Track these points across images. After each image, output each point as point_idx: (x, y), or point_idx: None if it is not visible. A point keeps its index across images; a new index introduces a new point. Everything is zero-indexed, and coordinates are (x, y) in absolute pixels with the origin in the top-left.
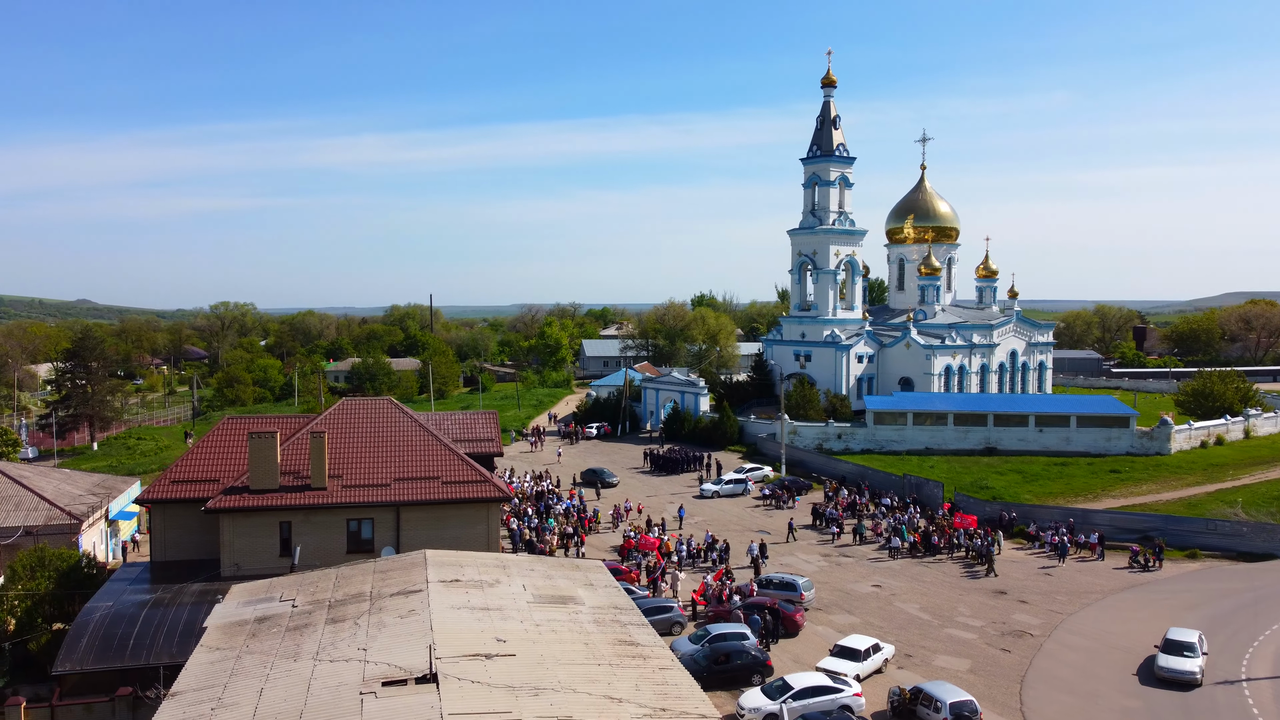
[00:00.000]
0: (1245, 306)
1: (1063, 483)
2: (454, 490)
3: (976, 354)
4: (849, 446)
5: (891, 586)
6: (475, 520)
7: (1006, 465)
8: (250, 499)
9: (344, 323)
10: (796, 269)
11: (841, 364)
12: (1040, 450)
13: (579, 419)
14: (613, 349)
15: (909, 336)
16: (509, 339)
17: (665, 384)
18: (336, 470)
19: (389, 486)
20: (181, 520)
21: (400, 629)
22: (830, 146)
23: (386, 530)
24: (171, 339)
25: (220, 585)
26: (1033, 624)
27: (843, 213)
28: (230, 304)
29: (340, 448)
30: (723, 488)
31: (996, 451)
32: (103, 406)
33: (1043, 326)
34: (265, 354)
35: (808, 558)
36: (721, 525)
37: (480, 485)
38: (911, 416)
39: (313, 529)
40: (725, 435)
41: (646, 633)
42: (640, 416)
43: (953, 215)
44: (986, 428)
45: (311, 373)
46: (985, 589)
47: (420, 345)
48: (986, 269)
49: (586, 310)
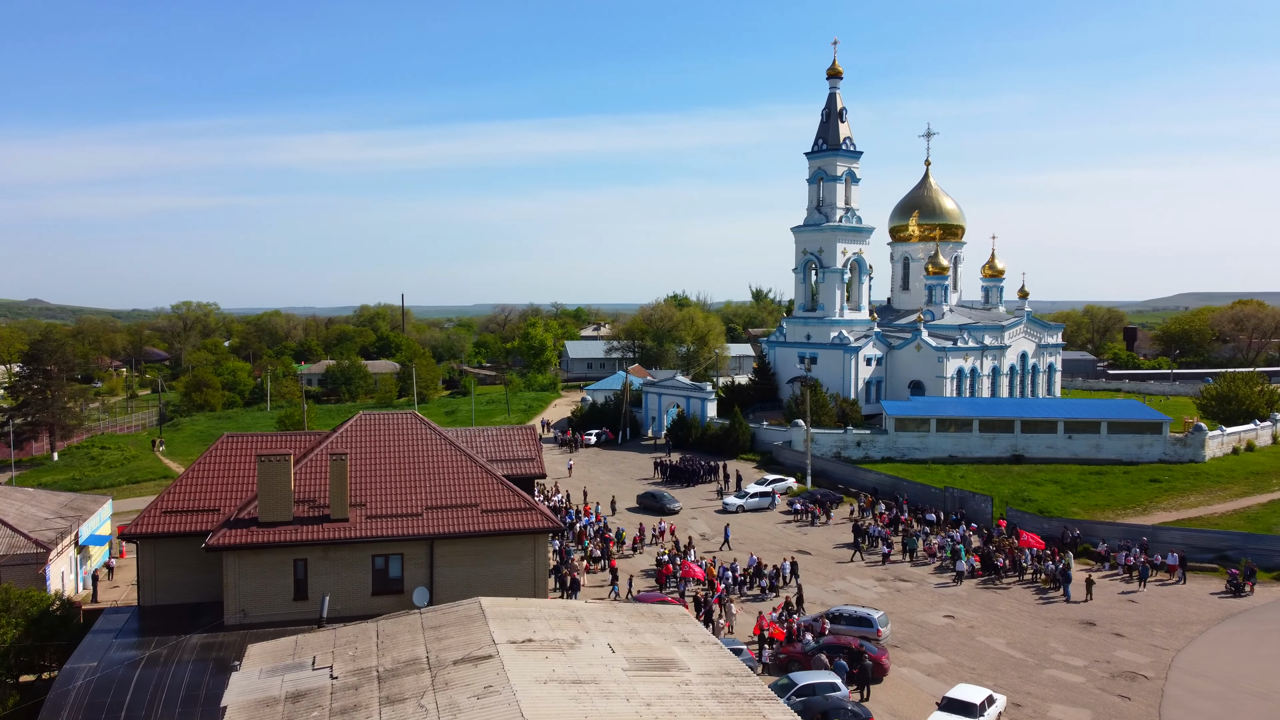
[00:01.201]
0: (1234, 307)
1: (1104, 494)
2: (495, 520)
3: (988, 356)
4: (869, 454)
5: (966, 617)
6: (519, 554)
7: (1040, 474)
8: (259, 533)
9: (311, 323)
10: (801, 267)
11: (850, 367)
12: (1069, 458)
13: (576, 425)
14: (597, 350)
15: (920, 338)
16: (485, 340)
17: (668, 388)
18: (359, 498)
19: (420, 517)
20: (175, 557)
21: (481, 716)
22: (837, 140)
23: (418, 568)
24: (131, 340)
25: (225, 638)
26: (1141, 663)
27: (849, 209)
28: (193, 304)
29: (362, 471)
30: (747, 501)
31: (1024, 459)
32: (63, 414)
33: (1052, 328)
34: (230, 356)
35: (861, 582)
36: (753, 544)
37: (525, 514)
38: (935, 423)
39: (332, 567)
40: (736, 443)
41: (779, 709)
42: (641, 422)
43: (958, 213)
44: (1013, 434)
45: (284, 376)
46: (1069, 619)
47: (394, 346)
48: (993, 268)
49: (559, 311)
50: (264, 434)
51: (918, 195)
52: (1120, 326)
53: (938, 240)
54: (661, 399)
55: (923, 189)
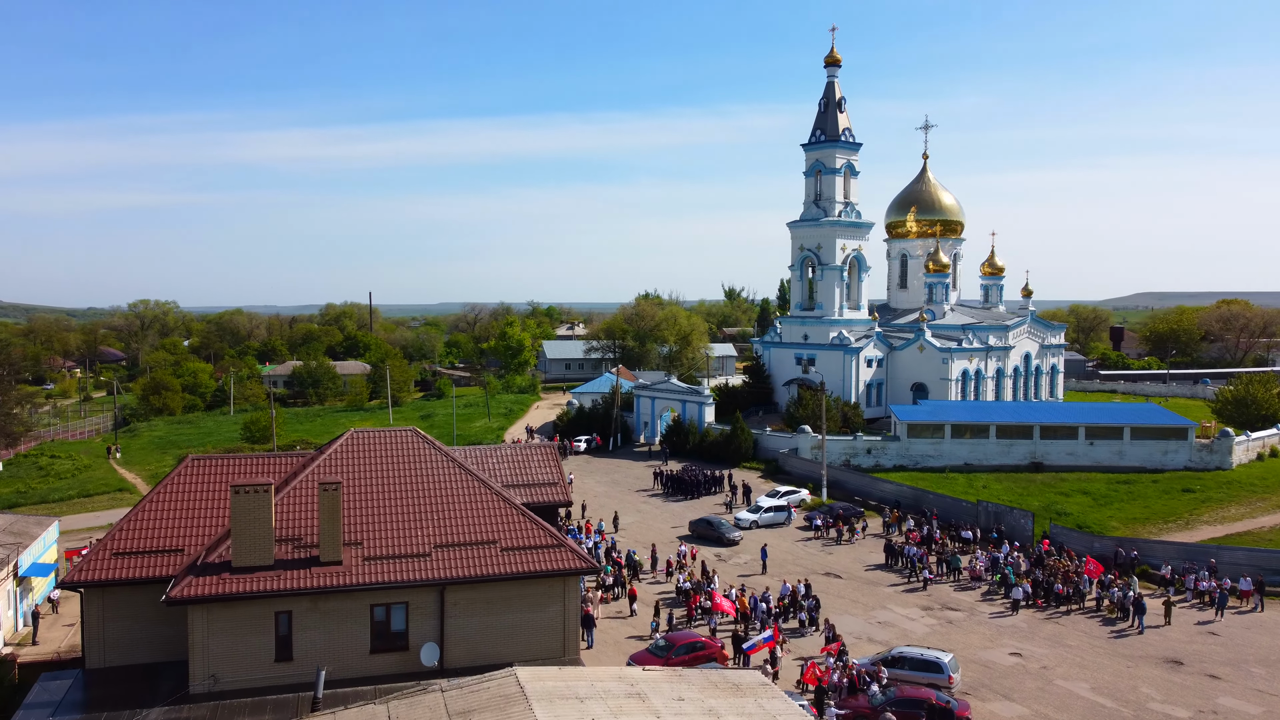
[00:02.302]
0: (1220, 306)
1: (1139, 505)
2: (518, 560)
3: (992, 357)
4: (879, 462)
5: (1035, 654)
6: (546, 600)
7: (1065, 484)
8: (233, 581)
9: (275, 322)
10: (798, 264)
11: (850, 368)
12: (1091, 465)
13: (563, 431)
14: (576, 350)
15: (923, 338)
16: (457, 339)
17: (662, 391)
18: (354, 535)
19: (429, 557)
20: (129, 608)
21: None
22: (835, 131)
23: (426, 619)
24: (86, 339)
25: (191, 711)
26: (1253, 713)
27: (849, 203)
28: (150, 302)
29: (357, 503)
30: (761, 516)
31: (1044, 467)
32: (10, 420)
33: (1054, 327)
34: (190, 356)
35: (905, 612)
36: (775, 566)
37: (552, 552)
38: (950, 429)
39: (323, 621)
40: (739, 450)
41: None
42: (633, 428)
43: (957, 208)
44: (1032, 441)
45: (248, 377)
46: (1151, 656)
47: (362, 346)
48: (992, 266)
49: (535, 310)
50: (236, 455)
51: (915, 190)
52: (1106, 326)
53: (938, 236)
54: (655, 403)
55: (920, 183)
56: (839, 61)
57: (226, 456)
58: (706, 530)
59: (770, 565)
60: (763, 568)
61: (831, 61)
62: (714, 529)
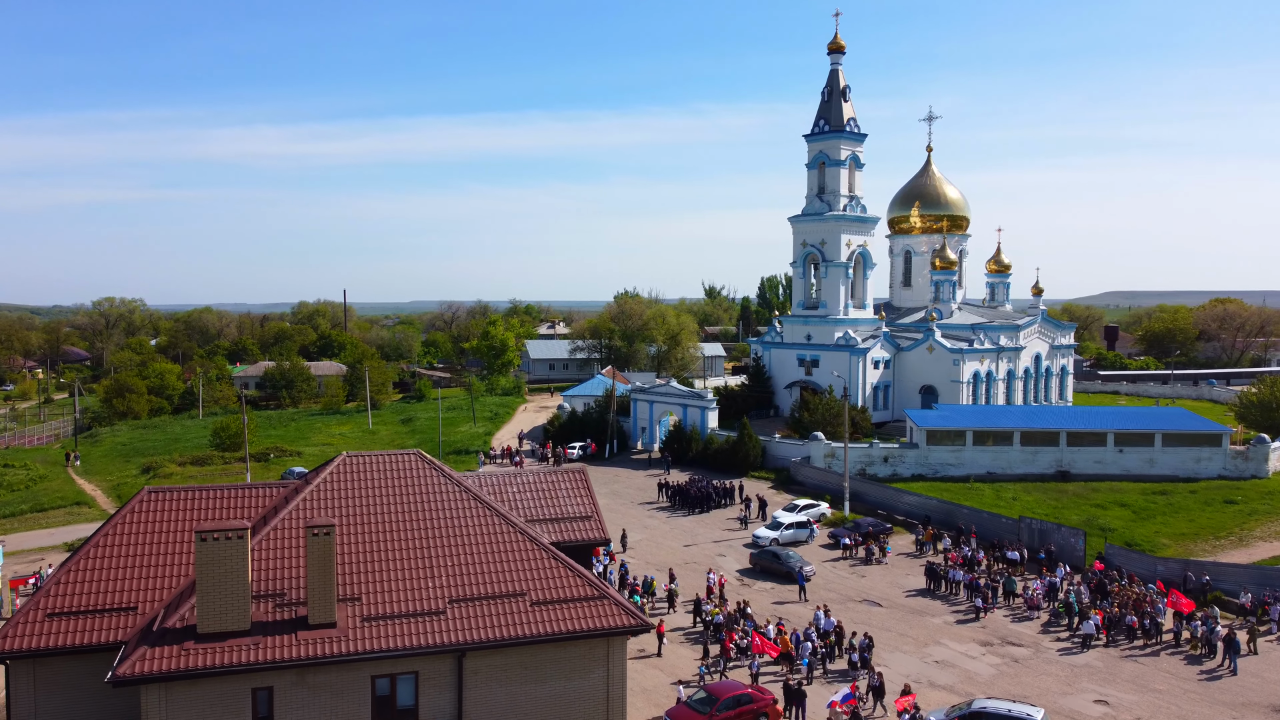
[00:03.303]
0: (1215, 305)
1: (1183, 519)
2: (552, 617)
3: (1003, 358)
4: (897, 471)
5: (1123, 702)
6: (587, 665)
7: (1098, 495)
8: (198, 653)
9: (246, 320)
10: (800, 261)
11: (857, 370)
12: (1121, 474)
13: (555, 436)
14: (560, 350)
15: (932, 339)
16: (435, 339)
17: (661, 395)
18: (351, 589)
19: (442, 615)
20: (68, 682)
21: None
22: (840, 121)
23: (439, 691)
24: (48, 338)
25: None
26: None
27: (854, 197)
28: (115, 300)
29: (353, 546)
30: (782, 534)
31: (1070, 476)
32: None
33: (1064, 327)
34: (157, 356)
35: (962, 647)
36: (808, 592)
37: (594, 606)
38: (971, 435)
39: (312, 698)
40: (746, 459)
41: None
42: (629, 434)
43: (963, 203)
44: (1058, 448)
45: (218, 379)
46: (1255, 703)
47: (336, 346)
48: (998, 263)
49: (517, 308)
50: (202, 488)
51: (919, 184)
52: (1099, 325)
53: (944, 232)
54: (653, 407)
55: (924, 177)
56: (843, 48)
57: (191, 490)
58: (772, 564)
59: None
60: (800, 594)
61: (835, 48)
62: (781, 563)
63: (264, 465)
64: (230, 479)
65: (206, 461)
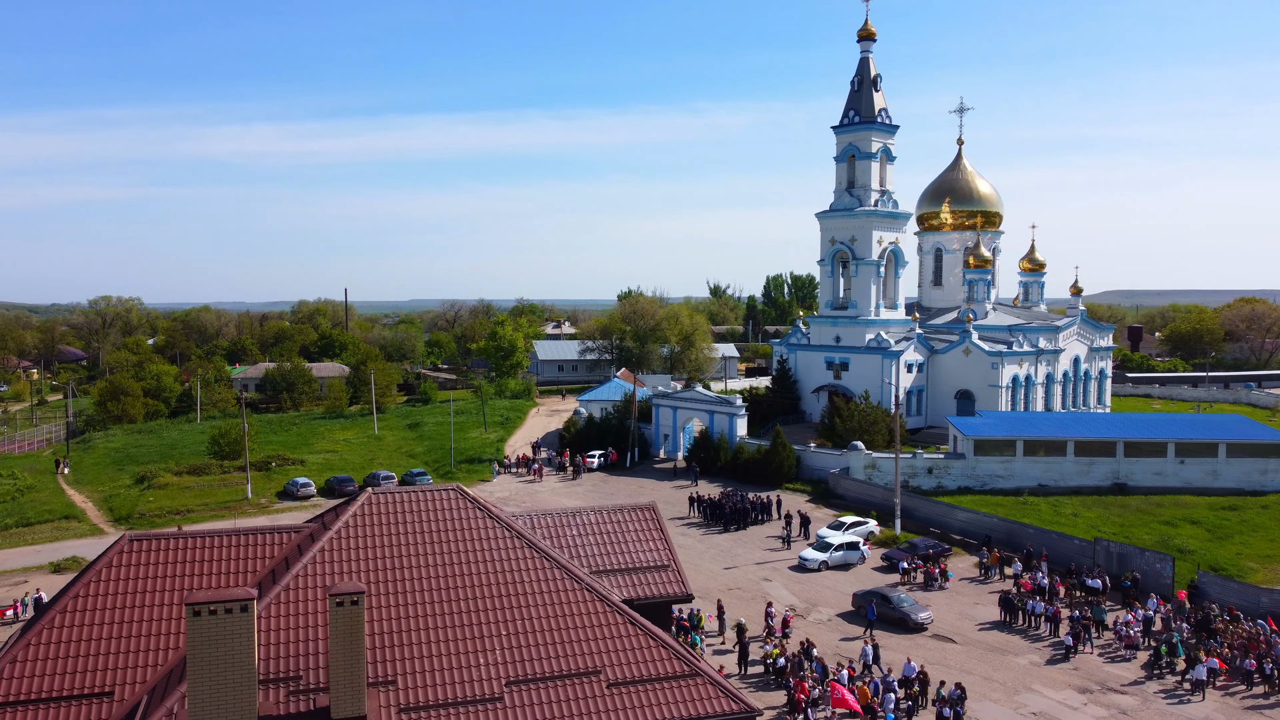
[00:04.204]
0: (1240, 305)
1: (1262, 539)
2: (634, 702)
3: (1042, 361)
4: (942, 484)
5: None
6: None
7: (1163, 510)
8: None
9: (245, 320)
10: (829, 259)
11: (890, 374)
12: (1181, 487)
13: (571, 444)
14: (570, 351)
15: (969, 341)
16: (438, 339)
17: (685, 400)
18: (384, 669)
19: (499, 703)
20: None
21: None
22: (871, 111)
23: None
24: (44, 338)
25: None
26: None
27: (885, 191)
28: (113, 298)
29: (385, 612)
30: (831, 556)
31: (1128, 489)
32: None
33: (1103, 328)
34: (154, 356)
35: (1058, 695)
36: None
37: (684, 686)
38: (1022, 445)
39: None
40: (780, 469)
41: None
42: (650, 441)
43: (996, 198)
44: (1115, 459)
45: (216, 381)
46: None
47: (338, 346)
48: (1032, 261)
49: (524, 307)
50: (194, 535)
51: (950, 178)
52: (1122, 326)
53: (978, 229)
54: (677, 413)
55: (955, 171)
56: (873, 35)
57: (181, 537)
58: (883, 609)
59: (857, 621)
60: (868, 635)
61: (865, 35)
62: (893, 607)
63: (265, 475)
64: (229, 490)
65: (204, 470)
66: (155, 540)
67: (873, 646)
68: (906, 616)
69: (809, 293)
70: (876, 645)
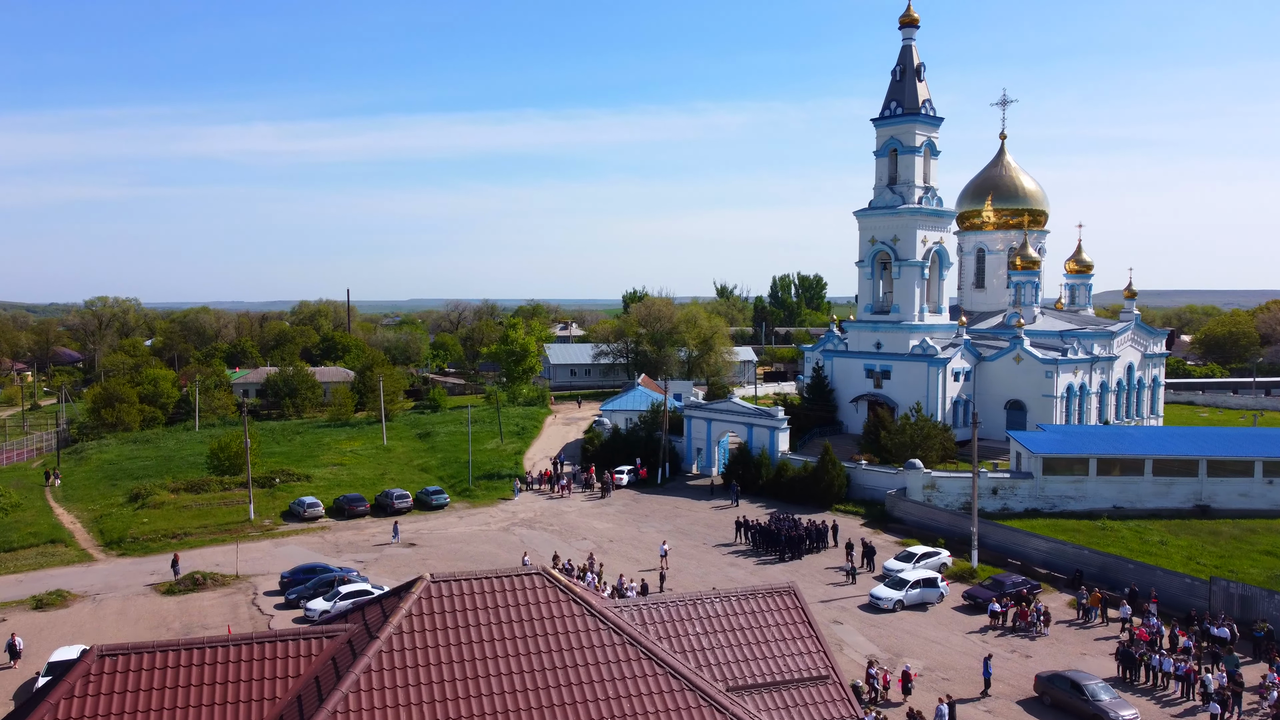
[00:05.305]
0: (1276, 306)
1: None
2: None
3: (1096, 369)
4: (1007, 505)
5: None
6: None
7: (1259, 538)
8: None
9: (245, 320)
10: (869, 260)
11: (935, 383)
12: (1270, 510)
13: (595, 458)
14: (583, 355)
15: (1020, 348)
16: (444, 341)
17: (721, 412)
18: None
19: None
20: None
21: None
22: (914, 103)
23: None
24: (38, 339)
25: None
26: None
27: (929, 188)
28: (109, 299)
29: None
30: (908, 595)
31: (1210, 512)
32: None
33: (1156, 334)
34: (152, 357)
35: None
36: (966, 682)
37: None
38: (1095, 464)
39: None
40: (829, 489)
41: None
42: (682, 455)
43: (1041, 195)
44: (1197, 479)
45: (215, 386)
46: None
47: (340, 348)
48: (1079, 262)
49: (534, 308)
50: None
51: (992, 175)
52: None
53: (1024, 228)
54: (710, 426)
55: (998, 167)
56: (916, 22)
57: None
58: (1072, 701)
59: (952, 676)
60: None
61: (908, 21)
62: (1087, 700)
63: (268, 493)
64: (230, 509)
65: (203, 487)
66: (129, 657)
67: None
68: (1101, 714)
69: (817, 293)
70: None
